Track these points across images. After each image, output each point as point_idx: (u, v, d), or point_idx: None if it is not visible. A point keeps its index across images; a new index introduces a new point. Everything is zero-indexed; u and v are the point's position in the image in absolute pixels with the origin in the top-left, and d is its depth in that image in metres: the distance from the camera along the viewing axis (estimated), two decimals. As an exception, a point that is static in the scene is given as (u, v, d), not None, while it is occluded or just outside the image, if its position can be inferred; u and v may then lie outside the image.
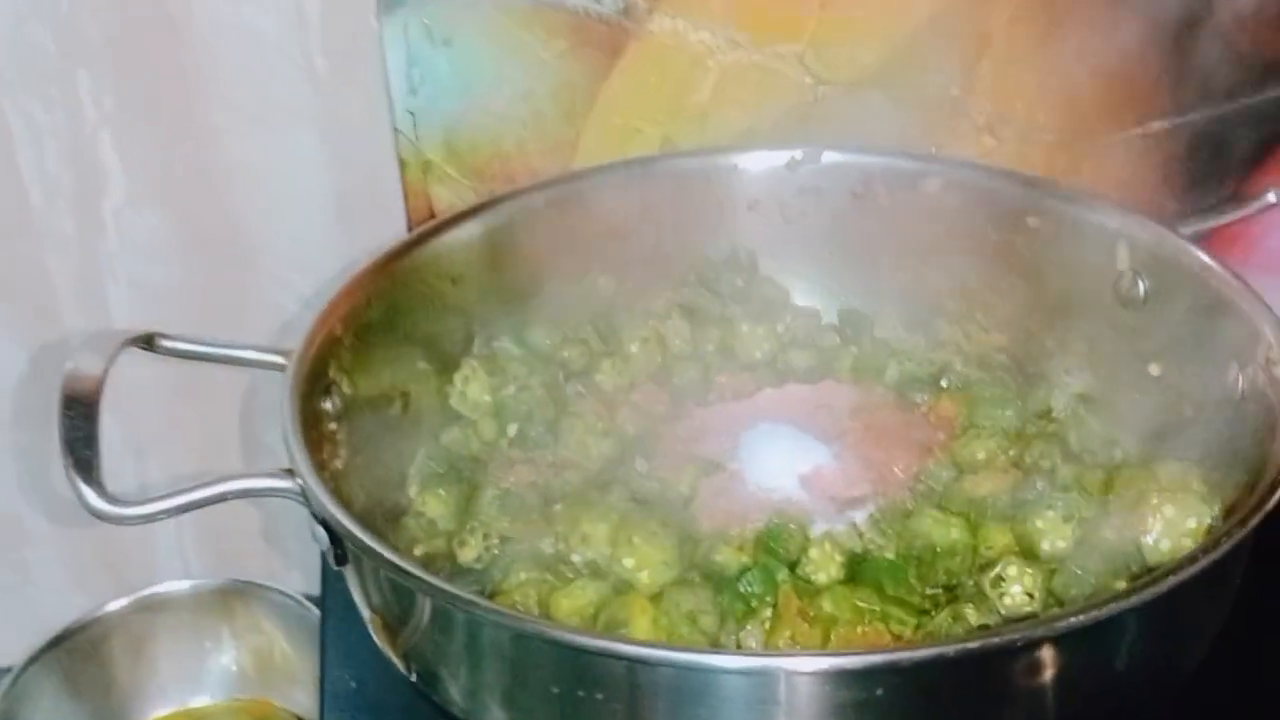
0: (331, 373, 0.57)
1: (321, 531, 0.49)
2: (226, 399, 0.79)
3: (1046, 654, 0.42)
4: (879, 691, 0.40)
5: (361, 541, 0.46)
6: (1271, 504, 0.44)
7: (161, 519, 0.47)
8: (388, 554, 0.45)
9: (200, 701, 0.81)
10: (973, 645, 0.39)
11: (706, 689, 0.41)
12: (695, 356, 0.70)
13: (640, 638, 0.47)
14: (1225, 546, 0.42)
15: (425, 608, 0.46)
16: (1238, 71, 0.77)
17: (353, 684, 0.66)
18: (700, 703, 0.41)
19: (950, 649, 0.39)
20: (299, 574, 0.85)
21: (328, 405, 0.57)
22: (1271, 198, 0.62)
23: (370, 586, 0.49)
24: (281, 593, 0.79)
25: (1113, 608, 0.40)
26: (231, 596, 0.80)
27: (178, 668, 0.81)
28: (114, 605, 0.79)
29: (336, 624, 0.69)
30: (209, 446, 0.80)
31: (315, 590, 0.74)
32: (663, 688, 0.42)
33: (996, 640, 0.39)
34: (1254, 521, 0.43)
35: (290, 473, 0.49)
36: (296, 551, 0.85)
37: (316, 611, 0.73)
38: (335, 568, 0.50)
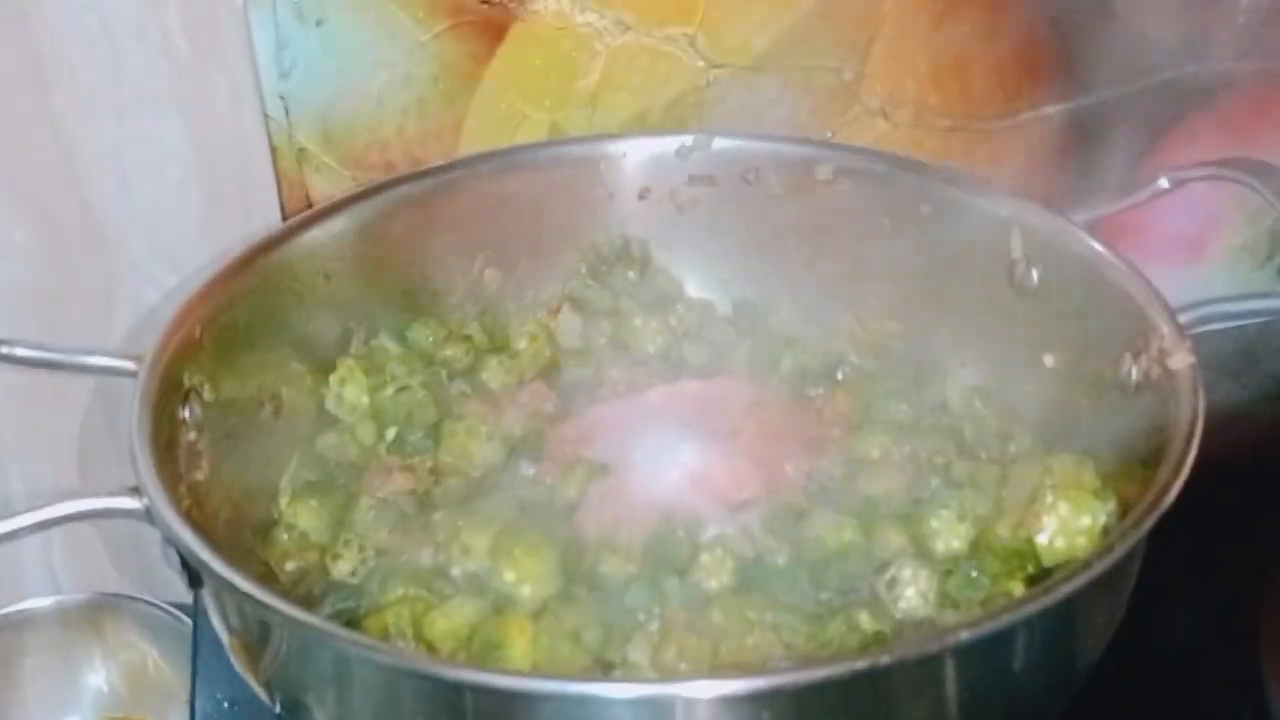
0: (190, 379, 0.54)
1: (173, 554, 0.45)
2: (93, 406, 0.74)
3: (939, 667, 0.40)
4: (765, 714, 0.38)
5: (210, 567, 0.42)
6: (1165, 506, 0.43)
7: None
8: (237, 580, 0.42)
9: (71, 723, 0.76)
10: (859, 665, 0.38)
11: (582, 716, 0.38)
12: (586, 352, 0.67)
13: (517, 660, 0.45)
14: (1118, 552, 0.41)
15: (284, 637, 0.42)
16: (1132, 54, 0.76)
17: (225, 704, 0.63)
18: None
19: (836, 670, 0.38)
20: (178, 583, 0.80)
21: (186, 414, 0.53)
22: (1164, 183, 0.62)
23: (229, 612, 0.46)
24: (152, 604, 0.74)
25: (1003, 620, 0.39)
26: (100, 611, 0.75)
27: (46, 688, 0.76)
28: (-30, 626, 0.74)
29: (208, 642, 0.66)
30: (78, 458, 0.75)
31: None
32: (538, 715, 0.39)
33: (884, 660, 0.38)
34: (1148, 524, 0.42)
35: (136, 490, 0.45)
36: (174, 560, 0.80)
37: (190, 623, 0.69)
38: (190, 589, 0.46)
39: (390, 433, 0.60)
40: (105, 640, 0.76)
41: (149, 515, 0.45)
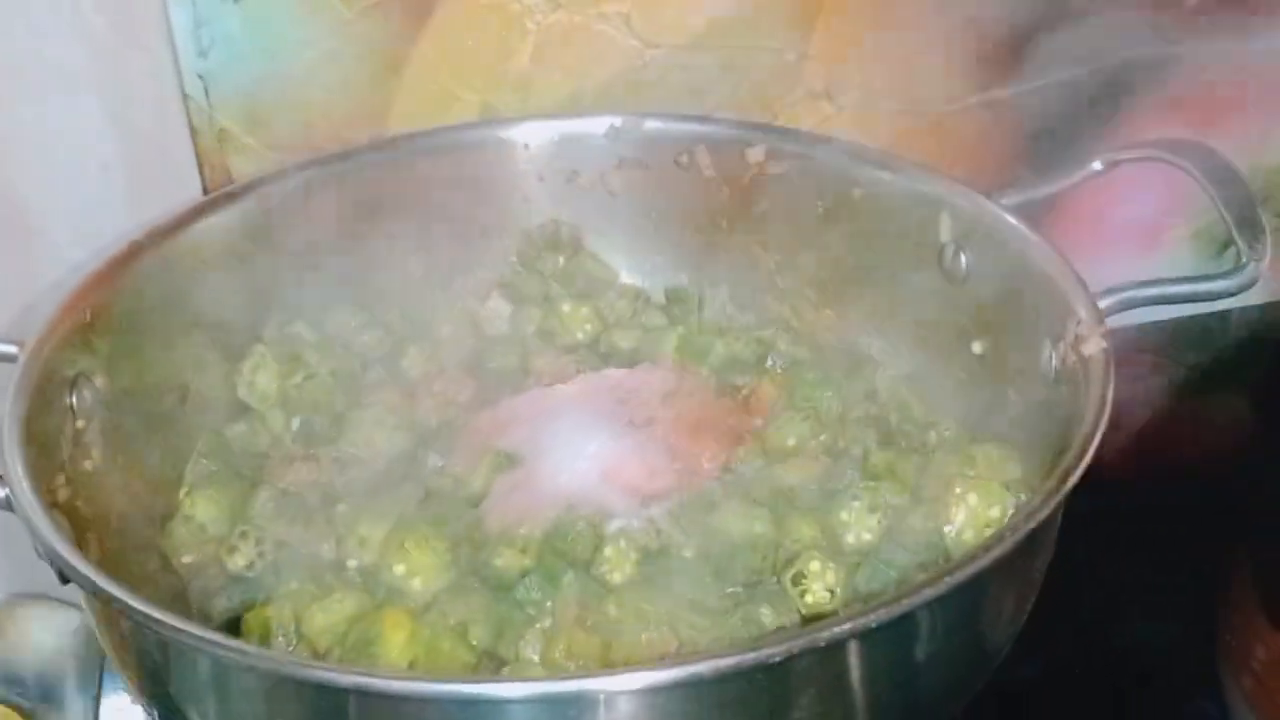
0: (80, 365, 0.52)
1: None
2: None
3: (835, 658, 0.38)
4: (652, 711, 0.36)
5: (67, 561, 0.40)
6: (1061, 495, 0.41)
7: None
8: (91, 575, 0.40)
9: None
10: (725, 662, 0.36)
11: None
12: (512, 340, 0.66)
13: (393, 657, 0.43)
14: (1008, 543, 0.39)
15: (143, 637, 0.41)
16: (1082, 37, 0.74)
17: (131, 702, 0.61)
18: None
19: (702, 666, 0.36)
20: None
21: (74, 400, 0.51)
22: (1097, 165, 0.60)
23: (95, 611, 0.44)
24: (65, 604, 0.72)
25: (892, 609, 0.37)
26: (11, 610, 0.73)
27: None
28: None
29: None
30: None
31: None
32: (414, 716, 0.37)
33: (749, 657, 0.36)
34: (1042, 514, 0.41)
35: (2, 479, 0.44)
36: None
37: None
38: (62, 585, 0.44)
39: (295, 422, 0.58)
40: (8, 639, 0.74)
41: (9, 505, 0.43)
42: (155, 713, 0.44)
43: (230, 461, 0.56)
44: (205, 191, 0.71)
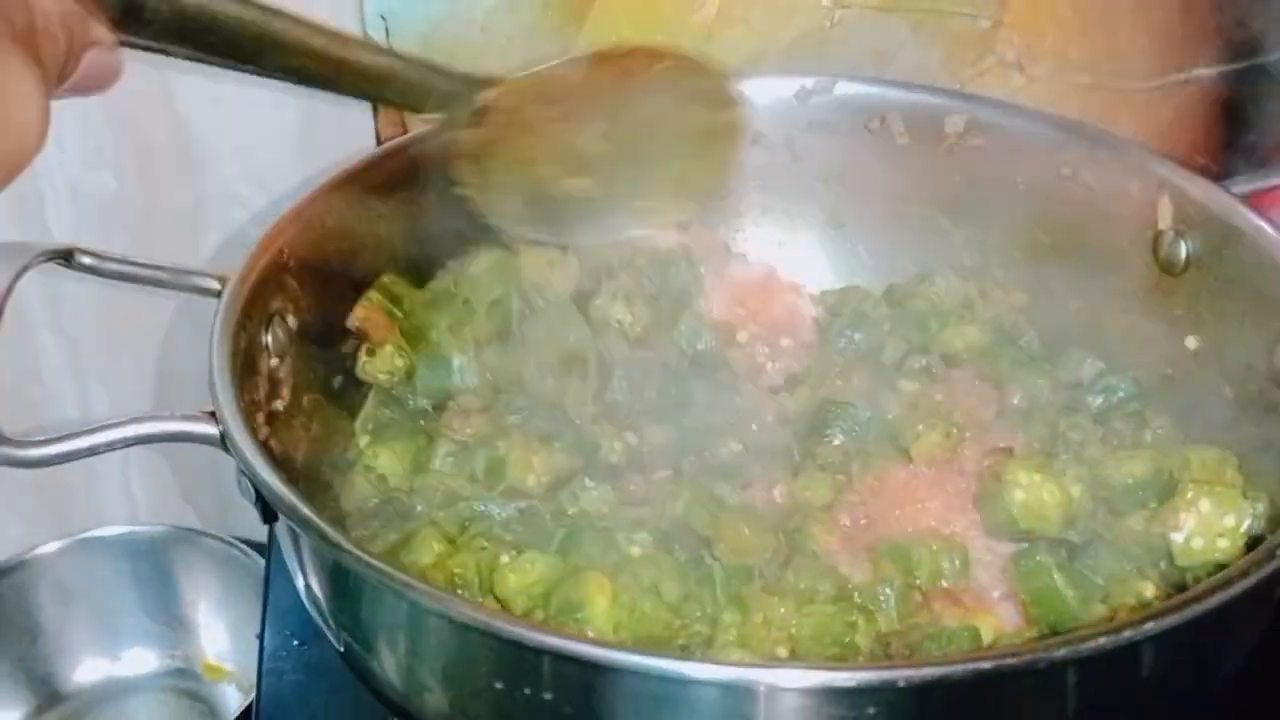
0: (276, 303, 0.51)
1: (248, 484, 0.43)
2: (176, 326, 0.72)
3: (1062, 675, 0.36)
4: (870, 710, 0.35)
5: (283, 501, 0.40)
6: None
7: (54, 464, 0.41)
8: (311, 517, 0.39)
9: (130, 654, 0.75)
10: (984, 665, 0.34)
11: (665, 695, 0.35)
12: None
13: (598, 620, 0.42)
14: (1272, 565, 0.36)
15: (355, 583, 0.40)
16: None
17: (294, 642, 0.61)
18: (661, 709, 0.35)
19: (956, 669, 0.34)
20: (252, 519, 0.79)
21: (269, 339, 0.50)
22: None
23: (301, 548, 0.44)
24: (223, 540, 0.73)
25: (1140, 630, 0.35)
26: (173, 544, 0.74)
27: (108, 617, 0.75)
28: (43, 549, 0.73)
29: (281, 578, 0.64)
30: (159, 379, 0.74)
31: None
32: (618, 689, 0.36)
33: (1010, 661, 0.34)
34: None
35: (213, 416, 0.43)
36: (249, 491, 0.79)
37: (261, 561, 0.67)
38: (264, 524, 0.44)
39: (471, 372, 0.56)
40: (173, 572, 0.75)
41: (223, 442, 0.42)
42: (343, 643, 0.43)
43: (410, 411, 0.55)
44: (377, 136, 0.70)
